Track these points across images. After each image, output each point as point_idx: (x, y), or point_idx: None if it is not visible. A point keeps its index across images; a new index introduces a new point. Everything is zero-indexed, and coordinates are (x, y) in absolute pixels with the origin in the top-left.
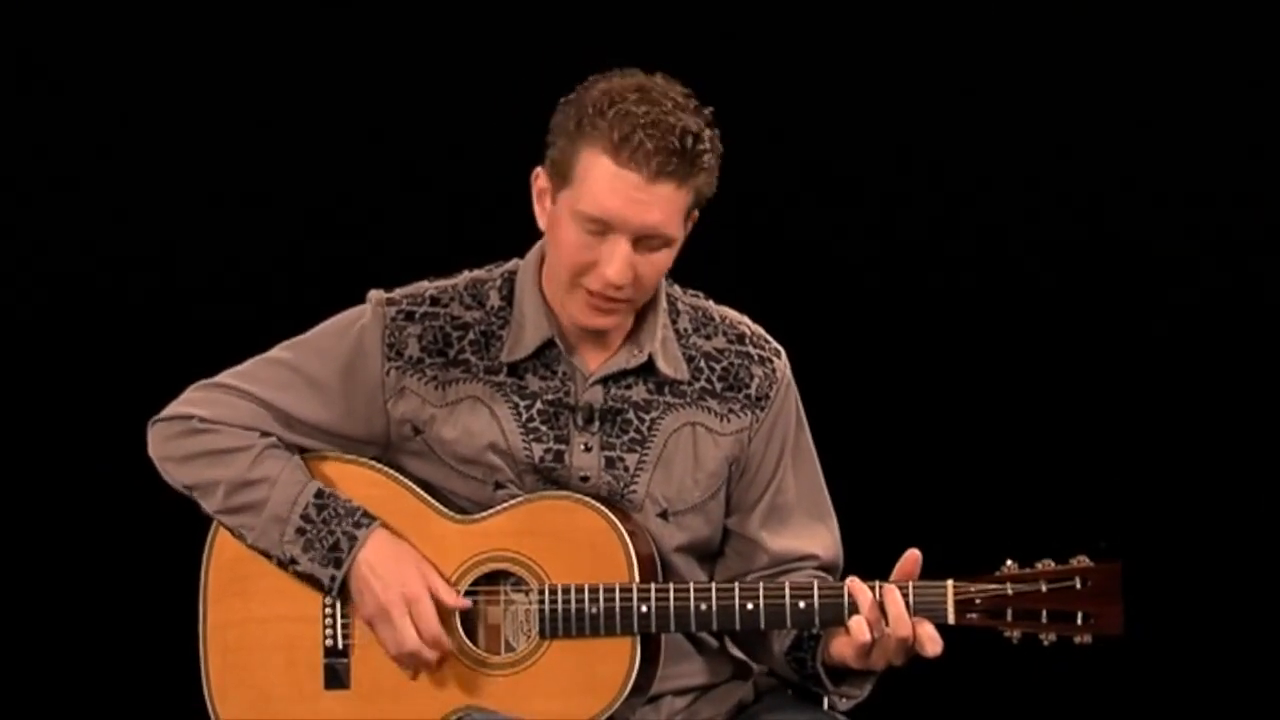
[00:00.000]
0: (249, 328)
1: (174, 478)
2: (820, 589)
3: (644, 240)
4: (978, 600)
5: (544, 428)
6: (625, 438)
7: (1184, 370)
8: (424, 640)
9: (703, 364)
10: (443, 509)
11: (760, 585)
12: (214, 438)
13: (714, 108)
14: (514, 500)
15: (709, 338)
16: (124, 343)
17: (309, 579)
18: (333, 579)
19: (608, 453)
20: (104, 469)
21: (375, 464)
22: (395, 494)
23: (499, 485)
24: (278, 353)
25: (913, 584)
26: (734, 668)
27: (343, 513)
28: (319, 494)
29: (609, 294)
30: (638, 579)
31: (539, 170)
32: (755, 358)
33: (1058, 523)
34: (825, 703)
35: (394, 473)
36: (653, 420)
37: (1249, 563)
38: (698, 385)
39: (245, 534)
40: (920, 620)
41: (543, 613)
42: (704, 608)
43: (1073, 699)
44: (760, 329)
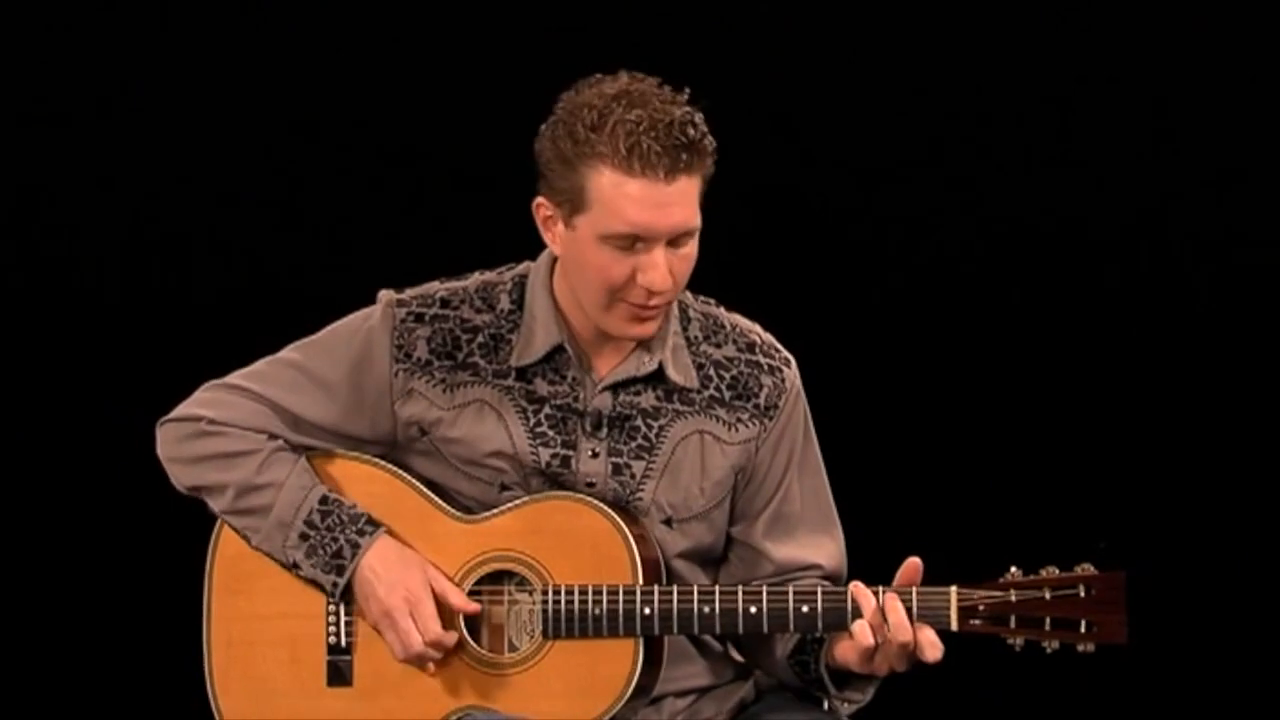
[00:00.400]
0: (261, 328)
1: (181, 479)
2: (823, 593)
3: (675, 240)
4: (981, 607)
5: (551, 433)
6: (633, 444)
7: (1189, 378)
8: (427, 641)
9: (712, 372)
10: (448, 508)
11: (764, 589)
12: (222, 440)
13: (717, 112)
14: (519, 500)
15: (719, 346)
16: (135, 341)
17: (313, 584)
18: (335, 585)
19: (615, 459)
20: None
21: (381, 462)
22: (400, 492)
23: (505, 486)
24: (287, 353)
25: (916, 590)
26: (735, 668)
27: (346, 520)
28: (323, 500)
29: (652, 301)
30: (641, 581)
31: (539, 200)
32: (765, 367)
33: (1062, 530)
34: (825, 704)
35: (400, 471)
36: (661, 428)
37: (1254, 573)
38: (707, 393)
39: (251, 536)
40: (921, 626)
41: (546, 613)
42: (707, 610)
43: (1075, 707)
44: (771, 338)
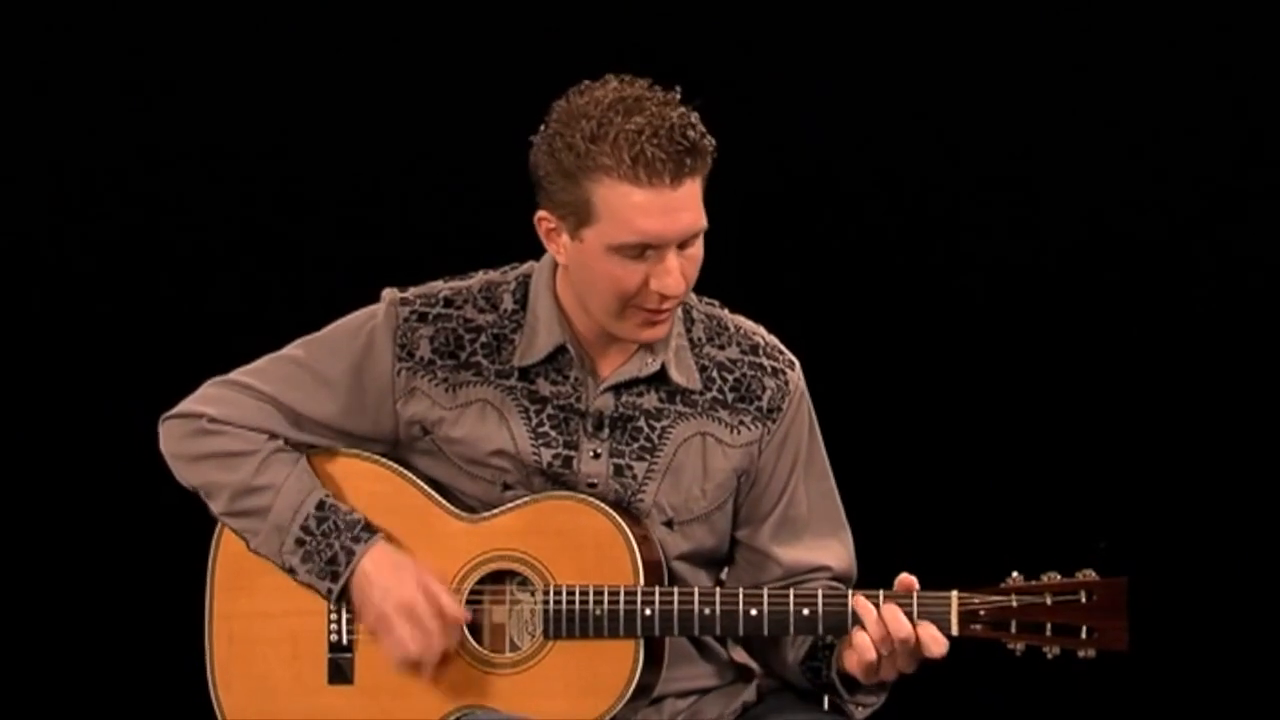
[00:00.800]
0: (264, 325)
1: (183, 477)
2: (824, 596)
3: (683, 242)
4: (982, 612)
5: (553, 433)
6: (635, 445)
7: (1190, 384)
8: (425, 646)
9: (715, 374)
10: (450, 507)
11: (764, 591)
12: (222, 440)
13: (719, 112)
14: (521, 499)
15: (723, 348)
16: (137, 338)
17: (310, 588)
18: (330, 591)
19: (616, 460)
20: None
21: (383, 460)
22: (402, 491)
23: (507, 486)
24: (290, 350)
25: (916, 594)
26: (737, 670)
27: (343, 526)
28: (320, 505)
29: (664, 305)
30: (642, 582)
31: (541, 214)
32: (768, 369)
33: (1064, 535)
34: (826, 703)
35: (402, 469)
36: (663, 429)
37: (1256, 579)
38: (709, 395)
39: (249, 539)
40: (922, 623)
41: (547, 613)
42: (708, 612)
43: (1076, 713)
44: (775, 340)
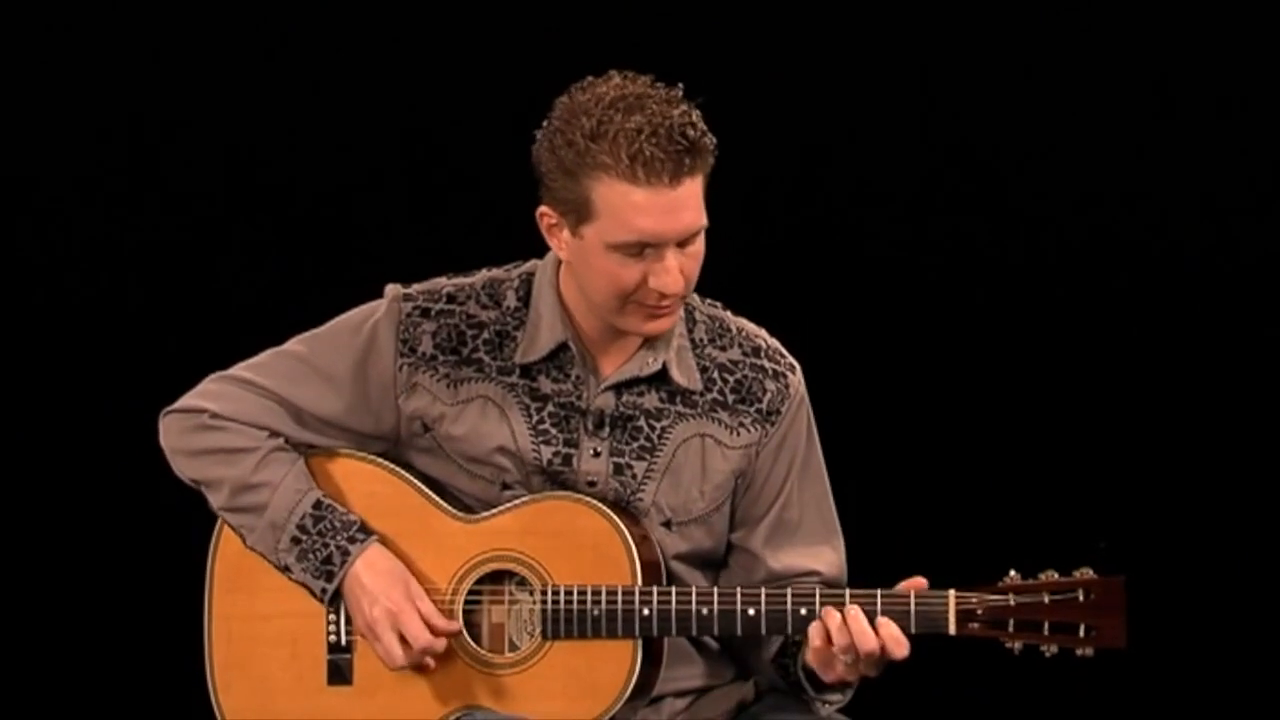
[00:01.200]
0: (266, 320)
1: (183, 471)
2: (823, 595)
3: (684, 241)
4: (979, 611)
5: (554, 430)
6: (635, 445)
7: (1188, 382)
8: (416, 651)
9: (716, 375)
10: (448, 507)
11: (762, 591)
12: (222, 435)
13: (720, 111)
14: (519, 500)
15: (724, 349)
16: (140, 332)
17: (304, 587)
18: (323, 591)
19: (616, 459)
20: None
21: (381, 461)
22: (400, 491)
23: (506, 485)
24: (292, 345)
25: (914, 593)
26: (735, 669)
27: (339, 526)
28: (317, 505)
29: (665, 302)
30: (640, 583)
31: (543, 209)
32: (769, 372)
33: (1061, 534)
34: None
35: (400, 470)
36: (663, 429)
37: (1254, 577)
38: (710, 396)
39: (245, 535)
40: (884, 623)
41: (545, 613)
42: (705, 612)
43: (1074, 712)
44: (777, 343)
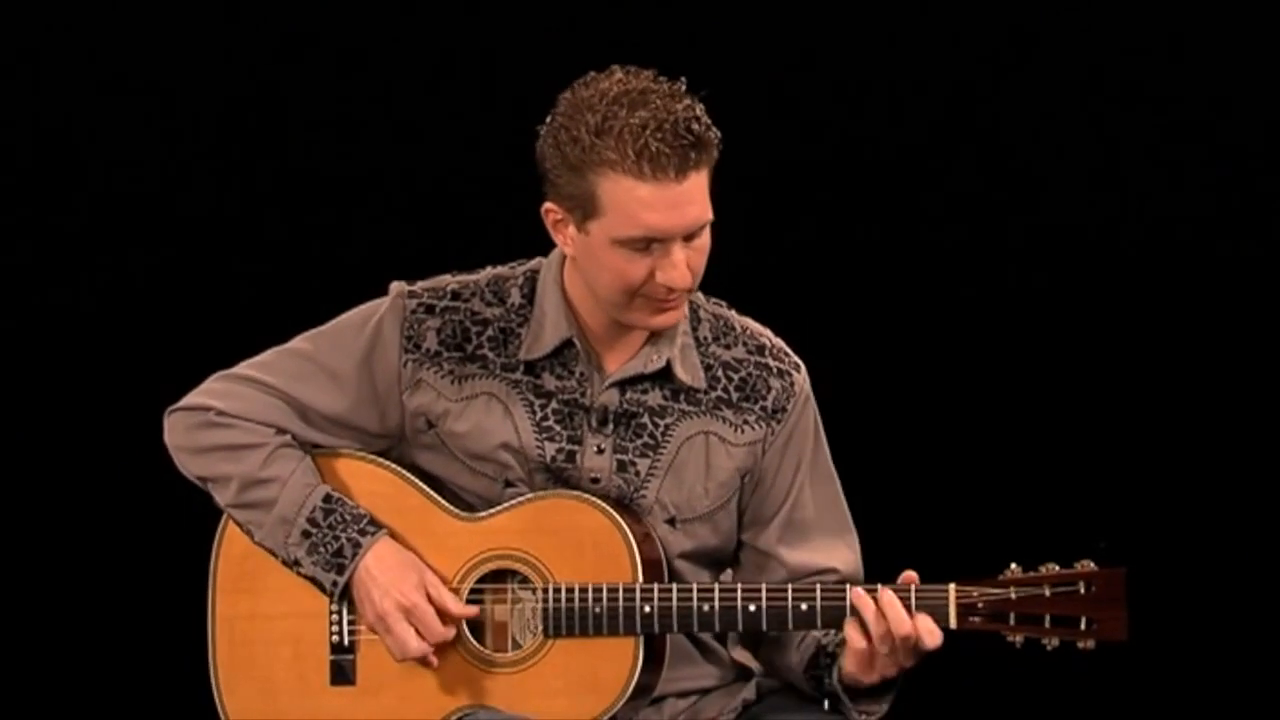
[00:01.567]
0: (269, 318)
1: (188, 469)
2: (822, 591)
3: (690, 235)
4: (980, 604)
5: (558, 427)
6: (638, 442)
7: (1188, 375)
8: (427, 643)
9: (720, 373)
10: (449, 506)
11: (763, 587)
12: (229, 432)
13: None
14: (520, 498)
15: (729, 347)
16: (144, 331)
17: (312, 581)
18: (334, 584)
19: (620, 456)
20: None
21: (382, 460)
22: (402, 491)
23: (509, 483)
24: (297, 343)
25: (914, 587)
26: (737, 670)
27: (349, 519)
28: (327, 498)
29: (671, 296)
30: (642, 580)
31: (548, 205)
32: (774, 370)
33: (1062, 527)
34: (826, 703)
35: (402, 470)
36: (667, 426)
37: (1254, 569)
38: (714, 394)
39: (253, 531)
40: (918, 614)
41: (546, 611)
42: (706, 608)
43: (1075, 704)
44: (781, 342)
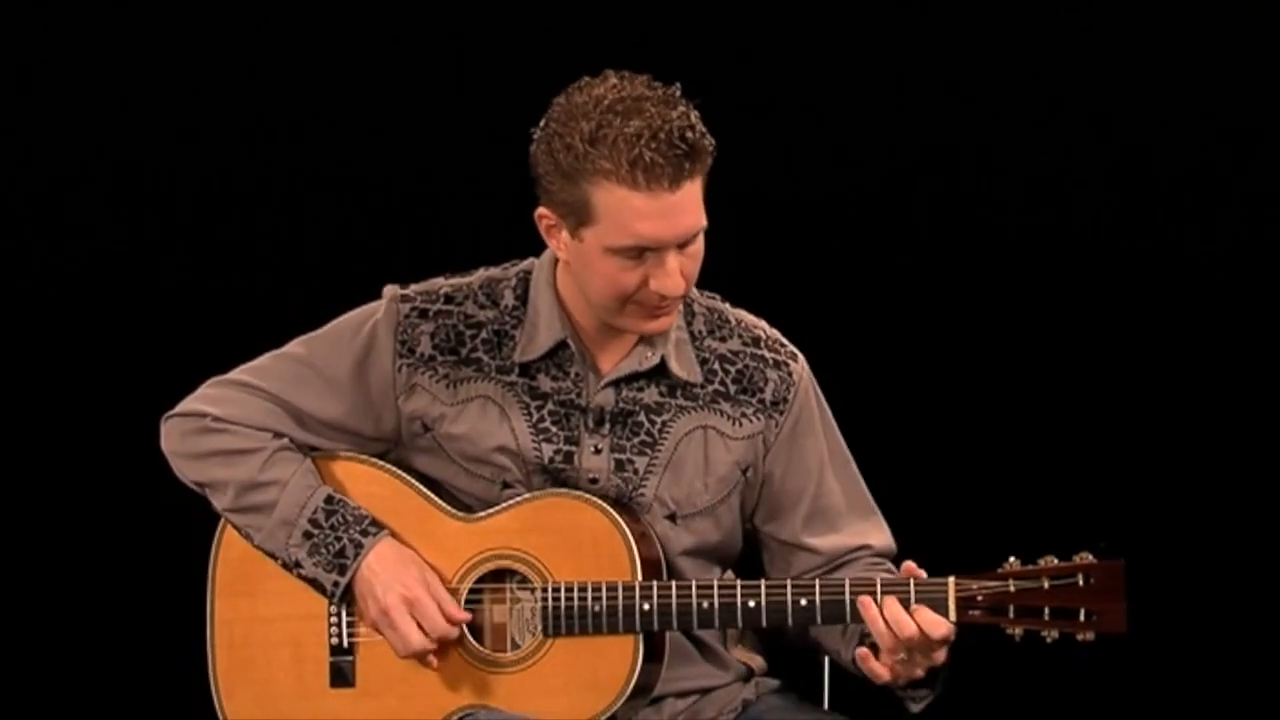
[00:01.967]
0: (264, 323)
1: (185, 474)
2: (822, 586)
3: (684, 242)
4: (980, 597)
5: (554, 429)
6: (636, 440)
7: (1187, 368)
8: (431, 638)
9: (717, 367)
10: (447, 507)
11: (762, 583)
12: (226, 438)
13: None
14: (518, 498)
15: (724, 340)
16: (138, 336)
17: (313, 583)
18: (336, 585)
19: (617, 455)
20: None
21: (381, 462)
22: (400, 493)
23: (507, 485)
24: (292, 348)
25: (914, 581)
26: (736, 670)
27: (351, 520)
28: (328, 500)
29: (665, 304)
30: (640, 578)
31: (541, 210)
32: (770, 361)
33: (1061, 520)
34: (826, 702)
35: (400, 471)
36: (664, 423)
37: (1252, 561)
38: (711, 388)
39: (253, 534)
40: (919, 608)
41: (546, 610)
42: (706, 605)
43: (1075, 696)
44: (777, 333)
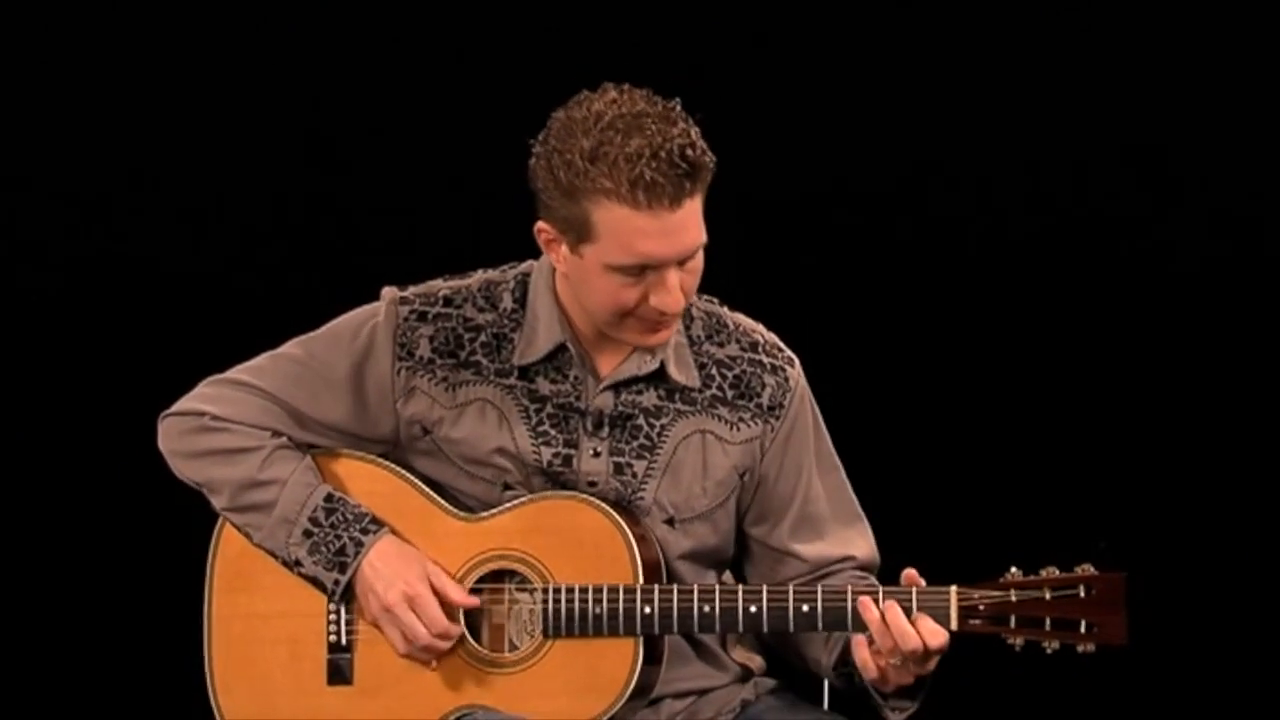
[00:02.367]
0: (262, 322)
1: (183, 473)
2: (824, 592)
3: (685, 259)
4: (981, 607)
5: (553, 432)
6: (634, 444)
7: (1189, 379)
8: (431, 634)
9: (714, 371)
10: (449, 507)
11: (763, 588)
12: (224, 437)
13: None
14: (520, 499)
15: (722, 345)
16: (137, 335)
17: (313, 582)
18: (336, 583)
19: (616, 458)
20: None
21: (382, 461)
22: (401, 491)
23: (507, 486)
24: (290, 349)
25: (915, 590)
26: (734, 671)
27: (351, 518)
28: (328, 498)
29: (664, 319)
30: (641, 581)
31: (541, 225)
32: (768, 366)
33: (1062, 530)
34: (826, 702)
35: (401, 470)
36: (662, 427)
37: (1255, 573)
38: (709, 393)
39: (252, 533)
40: (920, 618)
41: (546, 612)
42: (707, 609)
43: (1075, 708)
44: (774, 337)
